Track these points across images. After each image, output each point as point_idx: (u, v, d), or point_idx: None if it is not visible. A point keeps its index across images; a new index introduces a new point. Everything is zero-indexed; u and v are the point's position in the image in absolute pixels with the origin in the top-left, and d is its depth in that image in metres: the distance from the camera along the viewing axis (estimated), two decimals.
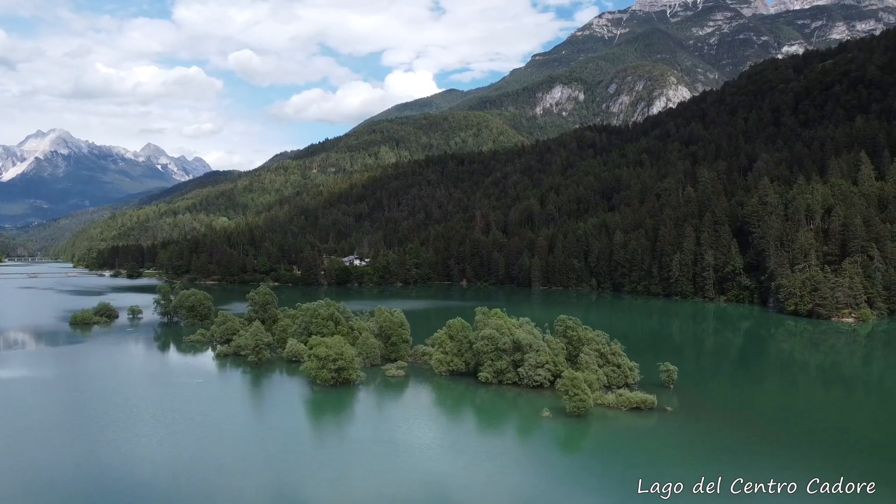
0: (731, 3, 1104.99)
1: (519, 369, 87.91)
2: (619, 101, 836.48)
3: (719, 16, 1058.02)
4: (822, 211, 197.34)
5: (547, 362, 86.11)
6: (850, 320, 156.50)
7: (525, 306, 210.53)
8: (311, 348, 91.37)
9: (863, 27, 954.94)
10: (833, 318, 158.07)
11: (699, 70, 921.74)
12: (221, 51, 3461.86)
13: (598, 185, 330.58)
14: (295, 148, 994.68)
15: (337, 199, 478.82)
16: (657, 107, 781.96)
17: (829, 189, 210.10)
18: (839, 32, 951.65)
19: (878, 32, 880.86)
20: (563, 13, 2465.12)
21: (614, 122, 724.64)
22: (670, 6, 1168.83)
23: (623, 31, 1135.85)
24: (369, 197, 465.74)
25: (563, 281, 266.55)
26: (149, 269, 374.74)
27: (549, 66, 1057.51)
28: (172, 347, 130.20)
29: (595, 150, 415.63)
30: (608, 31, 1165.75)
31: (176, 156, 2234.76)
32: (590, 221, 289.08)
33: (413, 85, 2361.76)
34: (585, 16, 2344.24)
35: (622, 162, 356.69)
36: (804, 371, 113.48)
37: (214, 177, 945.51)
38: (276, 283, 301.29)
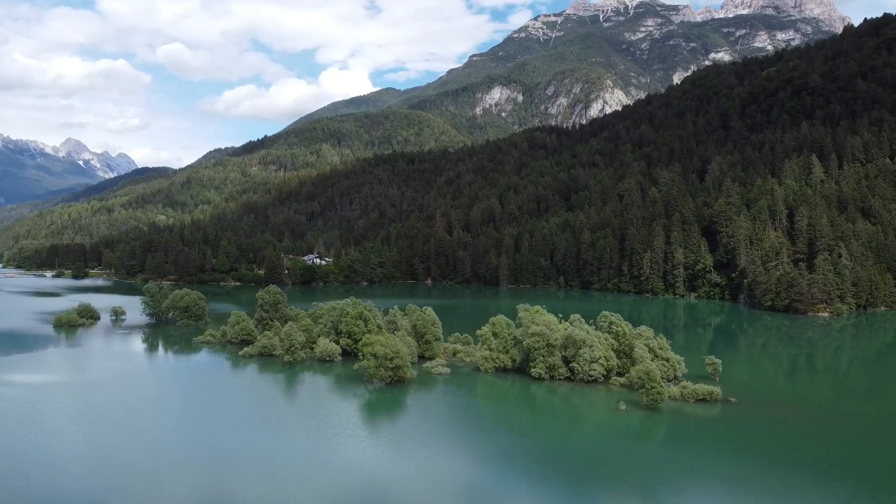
0: (661, 10, 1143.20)
1: (570, 365, 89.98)
2: (558, 102, 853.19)
3: (650, 22, 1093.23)
4: (787, 211, 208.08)
5: (601, 357, 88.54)
6: (826, 315, 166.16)
7: (497, 302, 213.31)
8: (365, 346, 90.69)
9: (783, 37, 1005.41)
10: (809, 313, 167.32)
11: (632, 74, 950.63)
12: (150, 44, 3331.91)
13: (555, 185, 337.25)
14: (228, 145, 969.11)
15: (287, 196, 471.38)
16: (594, 109, 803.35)
17: (789, 190, 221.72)
18: (762, 41, 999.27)
19: (797, 42, 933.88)
20: (498, 15, 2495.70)
21: (552, 122, 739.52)
22: (603, 11, 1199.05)
23: (558, 33, 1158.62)
24: (320, 195, 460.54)
25: (531, 279, 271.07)
26: (94, 268, 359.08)
27: (487, 67, 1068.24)
28: (187, 349, 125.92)
29: (546, 150, 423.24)
30: (544, 33, 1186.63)
31: (99, 151, 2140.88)
32: (552, 221, 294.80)
33: (348, 83, 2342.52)
34: (519, 19, 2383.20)
35: (575, 163, 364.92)
36: (825, 360, 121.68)
37: (146, 173, 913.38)
38: (238, 283, 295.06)
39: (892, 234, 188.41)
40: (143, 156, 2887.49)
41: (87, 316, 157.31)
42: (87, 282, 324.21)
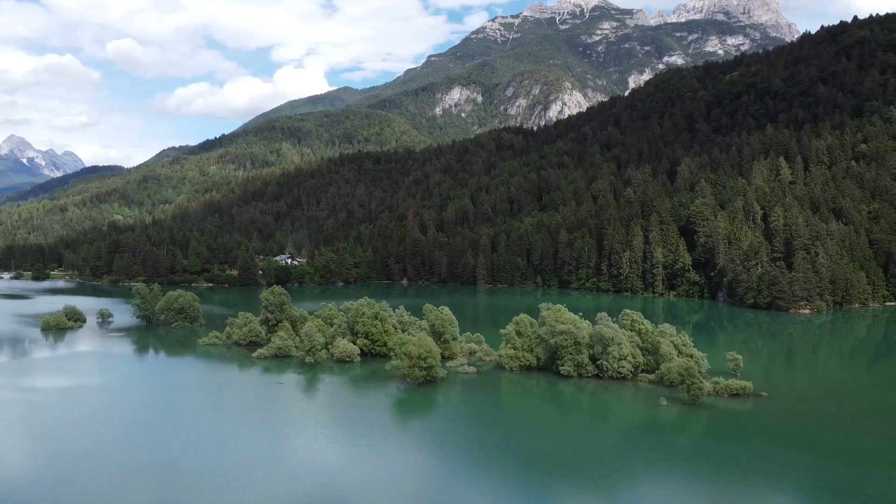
0: (616, 14, 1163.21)
1: (598, 362, 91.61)
2: (517, 103, 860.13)
3: (606, 25, 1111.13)
4: (762, 212, 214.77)
5: (628, 355, 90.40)
6: (807, 312, 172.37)
7: (475, 301, 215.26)
8: (398, 346, 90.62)
9: (733, 42, 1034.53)
10: (791, 310, 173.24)
11: (589, 76, 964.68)
12: (98, 39, 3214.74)
13: (527, 185, 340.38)
14: (181, 143, 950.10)
15: (251, 196, 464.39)
16: (553, 111, 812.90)
17: (760, 191, 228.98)
18: (713, 46, 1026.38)
19: (746, 47, 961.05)
20: (455, 17, 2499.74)
21: (512, 123, 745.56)
22: (559, 13, 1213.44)
23: (516, 35, 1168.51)
24: (286, 195, 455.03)
25: (508, 279, 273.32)
26: (54, 269, 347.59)
27: (445, 68, 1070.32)
28: (196, 352, 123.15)
29: (514, 151, 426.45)
30: (501, 34, 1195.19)
31: (44, 149, 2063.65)
32: (527, 221, 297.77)
33: (304, 82, 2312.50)
34: (475, 20, 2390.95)
35: (544, 163, 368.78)
36: (830, 354, 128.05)
37: (97, 172, 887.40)
38: (211, 284, 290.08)
39: (863, 234, 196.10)
40: (91, 154, 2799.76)
41: (74, 318, 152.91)
42: (49, 283, 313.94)
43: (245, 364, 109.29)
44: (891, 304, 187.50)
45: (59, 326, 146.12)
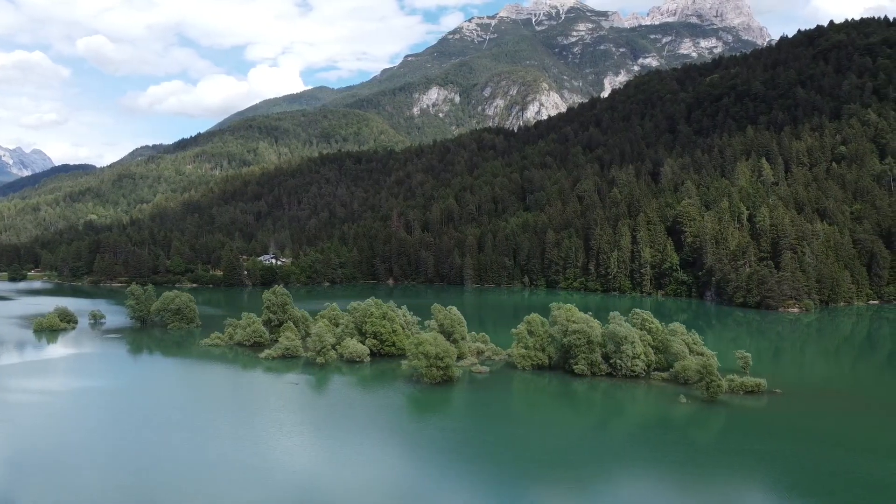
0: (592, 16, 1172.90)
1: (611, 360, 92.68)
2: (494, 104, 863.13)
3: (581, 27, 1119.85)
4: (748, 212, 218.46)
5: (641, 353, 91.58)
6: (796, 310, 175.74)
7: (463, 301, 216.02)
8: (415, 346, 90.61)
9: (706, 44, 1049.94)
10: (780, 309, 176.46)
11: (565, 77, 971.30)
12: (68, 36, 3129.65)
13: (510, 185, 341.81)
14: (154, 142, 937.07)
15: (231, 196, 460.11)
16: (531, 111, 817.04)
17: (744, 192, 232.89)
18: (686, 48, 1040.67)
19: (719, 49, 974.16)
20: (430, 17, 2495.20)
21: (490, 124, 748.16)
22: (535, 15, 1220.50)
23: (492, 36, 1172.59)
24: (266, 194, 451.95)
25: (496, 279, 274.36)
26: (30, 270, 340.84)
27: (422, 68, 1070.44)
28: (198, 352, 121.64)
29: (496, 151, 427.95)
30: (478, 35, 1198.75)
31: (12, 147, 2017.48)
32: (512, 221, 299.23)
33: (279, 81, 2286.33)
34: (451, 21, 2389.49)
35: (527, 164, 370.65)
36: (833, 350, 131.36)
37: (68, 170, 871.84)
38: (195, 285, 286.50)
39: (847, 235, 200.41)
40: (61, 152, 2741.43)
41: (66, 320, 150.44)
42: (23, 285, 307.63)
43: (253, 365, 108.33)
44: (874, 302, 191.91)
45: (53, 328, 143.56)
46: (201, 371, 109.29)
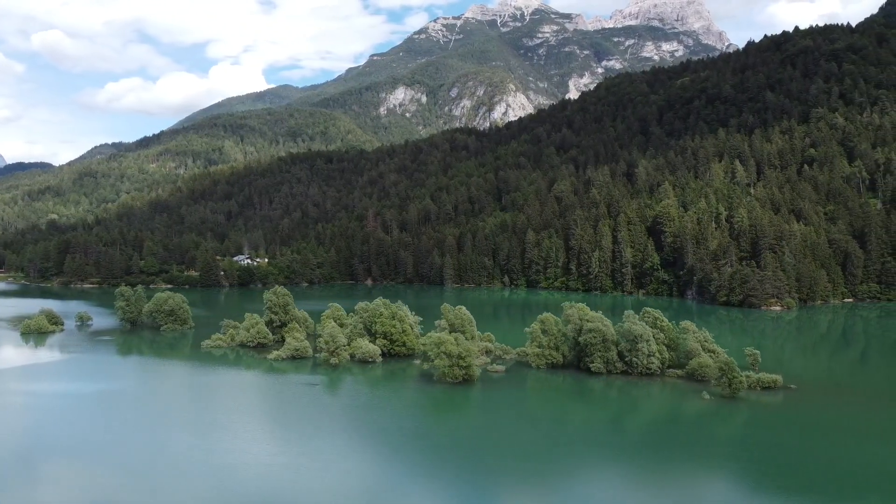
0: (556, 18, 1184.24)
1: (626, 358, 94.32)
2: (461, 104, 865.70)
3: (546, 29, 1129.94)
4: (726, 212, 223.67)
5: (656, 351, 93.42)
6: (778, 308, 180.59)
7: (443, 300, 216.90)
8: (436, 346, 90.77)
9: (668, 48, 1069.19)
10: (762, 307, 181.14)
11: (531, 78, 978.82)
12: (23, 31, 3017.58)
13: (486, 186, 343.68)
14: (113, 139, 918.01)
15: (200, 195, 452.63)
16: (498, 112, 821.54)
17: (721, 194, 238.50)
18: (649, 51, 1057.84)
19: (680, 53, 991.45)
20: (395, 17, 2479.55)
21: (457, 124, 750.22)
22: (500, 16, 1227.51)
23: (458, 36, 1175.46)
24: (237, 194, 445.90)
25: (476, 279, 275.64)
26: None
27: (388, 68, 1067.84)
28: (201, 354, 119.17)
29: (468, 151, 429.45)
30: (444, 35, 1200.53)
31: None
32: (489, 221, 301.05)
33: (241, 79, 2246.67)
34: (416, 21, 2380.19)
35: (501, 164, 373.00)
36: (832, 347, 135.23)
37: (25, 168, 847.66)
38: (170, 286, 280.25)
39: (823, 235, 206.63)
40: (14, 150, 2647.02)
41: (53, 322, 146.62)
42: None
43: (264, 367, 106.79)
44: (849, 300, 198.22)
45: (41, 330, 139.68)
46: (211, 372, 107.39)
